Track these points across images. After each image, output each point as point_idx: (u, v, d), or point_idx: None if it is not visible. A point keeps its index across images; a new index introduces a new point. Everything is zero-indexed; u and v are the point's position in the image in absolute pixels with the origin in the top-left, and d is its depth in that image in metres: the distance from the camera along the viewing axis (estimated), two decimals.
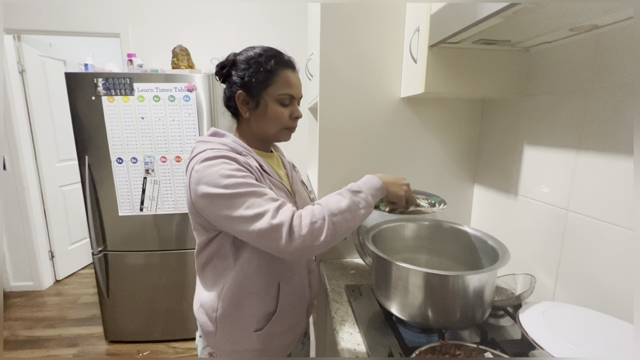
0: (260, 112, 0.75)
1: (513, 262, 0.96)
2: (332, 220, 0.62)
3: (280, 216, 0.61)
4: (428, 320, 0.71)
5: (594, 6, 0.57)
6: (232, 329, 0.75)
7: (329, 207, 0.64)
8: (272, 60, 0.73)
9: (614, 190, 0.68)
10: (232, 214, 0.62)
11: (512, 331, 0.77)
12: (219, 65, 0.78)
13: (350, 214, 0.64)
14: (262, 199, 0.63)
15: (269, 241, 0.60)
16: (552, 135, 0.85)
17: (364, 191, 0.68)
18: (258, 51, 0.74)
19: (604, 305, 0.70)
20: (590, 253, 0.74)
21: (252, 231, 0.61)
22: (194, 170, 0.66)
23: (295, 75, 0.77)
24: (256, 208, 0.61)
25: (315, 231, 0.61)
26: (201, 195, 0.64)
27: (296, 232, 0.60)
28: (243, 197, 0.62)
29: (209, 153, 0.67)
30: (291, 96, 0.76)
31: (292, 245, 0.60)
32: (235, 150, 0.72)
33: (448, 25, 0.76)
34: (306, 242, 0.60)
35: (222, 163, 0.65)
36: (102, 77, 1.69)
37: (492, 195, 1.11)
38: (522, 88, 0.94)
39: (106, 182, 1.79)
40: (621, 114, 0.67)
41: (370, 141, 1.15)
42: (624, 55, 0.66)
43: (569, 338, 0.56)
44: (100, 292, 1.92)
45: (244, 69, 0.73)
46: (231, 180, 0.63)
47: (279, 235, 0.60)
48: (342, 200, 0.65)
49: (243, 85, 0.74)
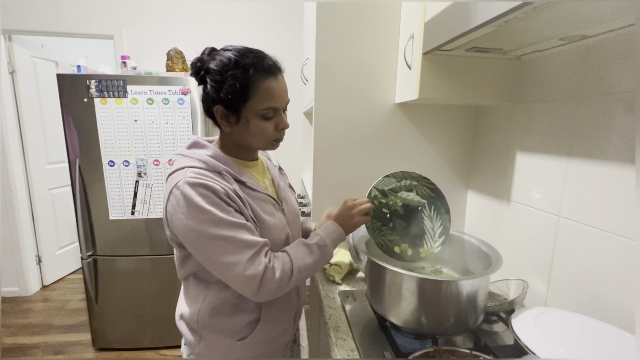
0: (242, 127, 0.69)
1: (506, 268, 0.96)
2: (298, 276, 0.68)
3: (252, 269, 0.62)
4: (422, 326, 0.70)
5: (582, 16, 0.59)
6: (214, 339, 0.73)
7: (297, 263, 0.68)
8: (250, 70, 0.64)
9: (604, 196, 0.70)
10: (205, 254, 0.64)
11: (505, 337, 0.77)
12: (193, 69, 0.70)
13: (314, 269, 0.71)
14: (237, 246, 0.62)
15: (239, 288, 0.65)
16: (544, 142, 0.86)
17: (329, 245, 0.72)
18: (233, 57, 0.65)
19: (595, 311, 0.71)
20: (581, 259, 0.75)
21: (222, 276, 0.65)
22: (173, 194, 0.64)
23: (278, 82, 0.68)
24: (230, 256, 0.62)
25: (283, 285, 0.66)
26: (178, 224, 0.64)
27: (266, 285, 0.64)
28: (217, 240, 0.62)
29: (188, 176, 0.63)
30: (275, 108, 0.68)
31: (259, 296, 0.65)
32: (214, 169, 0.67)
33: (441, 33, 0.78)
34: (272, 292, 0.66)
35: (199, 195, 0.62)
36: (95, 79, 1.67)
37: (485, 201, 1.12)
38: (515, 95, 0.96)
39: (97, 185, 1.76)
40: (610, 122, 0.68)
41: (365, 146, 1.16)
42: (612, 65, 0.68)
43: (560, 343, 0.56)
44: (88, 298, 1.87)
45: (219, 82, 0.65)
46: (208, 216, 0.61)
47: (249, 287, 0.63)
48: (310, 256, 0.70)
49: (220, 100, 0.67)
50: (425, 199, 0.86)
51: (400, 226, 0.84)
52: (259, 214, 0.70)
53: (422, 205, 0.85)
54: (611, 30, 0.65)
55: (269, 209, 0.73)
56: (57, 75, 1.66)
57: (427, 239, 0.85)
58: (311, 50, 1.18)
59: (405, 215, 0.85)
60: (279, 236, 0.73)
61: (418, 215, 0.85)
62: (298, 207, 0.88)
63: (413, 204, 0.85)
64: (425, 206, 0.85)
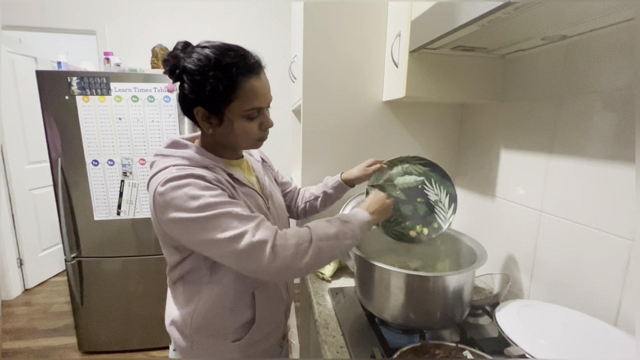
0: (225, 129, 0.66)
1: (491, 262, 0.99)
2: (318, 245, 0.61)
3: (260, 233, 0.58)
4: (410, 321, 0.72)
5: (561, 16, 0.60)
6: (208, 343, 0.72)
7: (317, 231, 0.62)
8: (232, 69, 0.61)
9: (583, 192, 0.72)
10: (207, 237, 0.58)
11: (490, 329, 0.79)
12: (167, 66, 0.65)
13: (336, 242, 0.63)
14: (239, 219, 0.59)
15: (251, 261, 0.58)
16: (527, 139, 0.88)
17: (353, 223, 0.67)
18: (213, 56, 0.61)
19: (574, 303, 0.73)
20: (562, 252, 0.77)
21: (231, 253, 0.58)
22: (158, 193, 0.59)
23: (261, 81, 0.65)
24: (233, 230, 0.57)
25: (300, 253, 0.59)
26: (170, 220, 0.59)
27: (280, 252, 0.58)
28: (217, 218, 0.58)
29: (172, 172, 0.60)
30: (259, 108, 0.66)
31: (274, 265, 0.58)
32: (201, 164, 0.64)
33: (427, 32, 0.78)
34: (289, 263, 0.59)
35: (189, 184, 0.59)
36: (76, 75, 1.62)
37: (471, 198, 1.14)
38: (499, 94, 0.97)
39: (80, 185, 1.72)
40: (589, 120, 0.70)
41: (353, 144, 1.16)
42: (591, 64, 0.70)
43: (542, 335, 0.58)
44: (73, 301, 1.83)
45: (198, 83, 0.61)
46: (202, 201, 0.57)
47: (261, 254, 0.57)
48: (330, 227, 0.64)
49: (200, 102, 0.63)
50: (422, 175, 0.87)
51: (408, 211, 0.86)
52: (251, 207, 0.69)
53: (421, 182, 0.86)
54: (590, 31, 0.67)
55: (258, 205, 0.72)
56: (37, 71, 1.61)
57: (438, 212, 0.86)
58: (299, 47, 1.17)
59: (408, 199, 0.86)
60: None
61: (421, 194, 0.86)
62: (283, 202, 0.89)
63: (412, 185, 0.86)
64: (424, 182, 0.87)
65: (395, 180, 0.87)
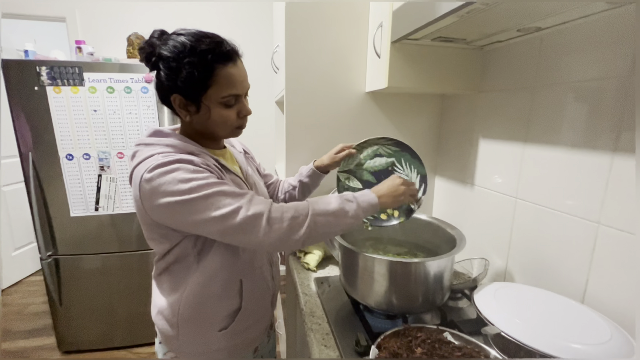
0: (203, 116, 0.66)
1: (470, 248, 1.03)
2: (314, 219, 0.61)
3: (255, 207, 0.59)
4: (393, 307, 0.74)
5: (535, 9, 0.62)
6: (195, 332, 0.73)
7: (315, 205, 0.63)
8: (208, 56, 0.61)
9: (554, 178, 0.76)
10: (202, 217, 0.58)
11: (469, 312, 0.83)
12: (143, 54, 0.65)
13: (334, 219, 0.63)
14: (232, 196, 0.59)
15: (248, 234, 0.59)
16: (504, 129, 0.91)
17: (357, 202, 0.66)
18: (188, 43, 0.61)
19: (546, 283, 0.78)
20: (535, 236, 0.81)
21: (227, 229, 0.58)
22: (145, 180, 0.59)
23: (237, 68, 0.65)
24: (227, 207, 0.58)
25: (296, 225, 0.60)
26: (160, 206, 0.59)
27: (276, 224, 0.59)
28: (210, 198, 0.58)
29: (159, 159, 0.60)
30: (236, 95, 0.66)
31: (271, 236, 0.59)
32: (186, 150, 0.65)
33: (408, 22, 0.79)
34: (285, 234, 0.59)
35: (178, 169, 0.59)
36: (46, 65, 1.54)
37: (451, 187, 1.17)
38: (477, 84, 1.00)
39: (55, 180, 1.65)
40: (562, 110, 0.74)
41: (337, 135, 1.17)
42: (564, 56, 0.73)
43: (516, 313, 0.61)
44: (51, 300, 1.77)
45: (174, 69, 0.61)
46: (192, 183, 0.58)
47: (257, 226, 0.58)
48: (330, 203, 0.64)
49: (177, 89, 0.63)
50: (391, 156, 0.86)
51: None
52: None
53: (391, 164, 0.86)
54: (563, 23, 0.70)
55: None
56: (2, 60, 1.51)
57: None
58: (281, 37, 1.16)
59: (379, 181, 0.87)
60: None
61: (390, 174, 0.86)
62: (267, 193, 0.89)
63: (382, 167, 0.87)
64: (394, 163, 0.86)
65: (365, 163, 0.88)
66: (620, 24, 0.61)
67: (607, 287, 0.65)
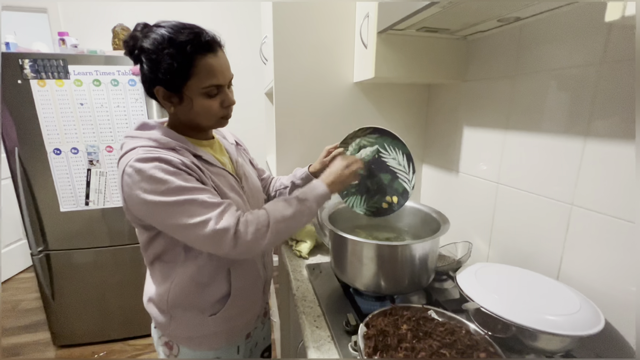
0: (186, 107, 0.67)
1: (455, 232, 1.07)
2: (275, 227, 0.65)
3: (224, 221, 0.61)
4: (381, 289, 0.77)
5: None
6: (186, 317, 0.75)
7: (274, 214, 0.66)
8: (187, 46, 0.62)
9: (533, 163, 0.79)
10: (172, 222, 0.61)
11: (453, 292, 0.87)
12: (126, 48, 0.66)
13: (293, 221, 0.68)
14: (203, 206, 0.61)
15: (214, 246, 0.62)
16: (486, 117, 0.94)
17: (310, 199, 0.70)
18: (167, 34, 0.62)
19: (525, 262, 0.82)
20: (515, 219, 0.85)
21: (196, 237, 0.61)
22: (127, 174, 0.61)
23: (218, 58, 0.66)
24: (198, 216, 0.60)
25: (259, 238, 0.64)
26: (137, 201, 0.61)
27: (241, 238, 0.62)
28: (182, 205, 0.60)
29: (139, 153, 0.62)
30: (218, 85, 0.67)
31: (237, 250, 0.62)
32: (167, 146, 0.66)
33: (393, 12, 0.81)
34: (250, 247, 0.63)
35: (155, 167, 0.60)
36: (29, 57, 1.51)
37: (437, 174, 1.21)
38: (461, 74, 1.02)
39: (43, 175, 1.63)
40: (541, 97, 0.77)
41: (326, 125, 1.19)
42: (542, 45, 0.76)
43: (495, 290, 0.65)
44: (43, 296, 1.77)
45: (155, 61, 0.63)
46: (168, 186, 0.60)
47: (223, 241, 0.61)
48: (287, 209, 0.68)
49: (159, 81, 0.64)
50: (375, 144, 0.88)
51: (374, 185, 0.89)
52: (221, 188, 0.70)
53: (376, 151, 0.88)
54: (541, 13, 0.72)
55: (229, 184, 0.74)
56: None
57: (400, 176, 0.86)
58: (269, 29, 1.16)
59: (371, 172, 0.89)
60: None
61: (380, 162, 0.88)
62: (259, 183, 0.90)
63: (370, 157, 0.89)
64: (379, 150, 0.88)
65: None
66: (592, 13, 0.64)
67: (579, 263, 0.69)
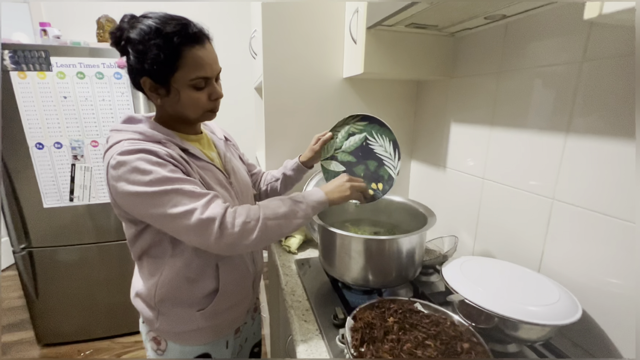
0: (173, 99, 0.66)
1: (442, 227, 1.09)
2: (265, 224, 0.63)
3: (210, 211, 0.60)
4: (368, 282, 0.78)
5: None
6: (173, 313, 0.74)
7: (266, 210, 0.64)
8: (174, 37, 0.61)
9: (517, 159, 0.81)
10: (157, 212, 0.60)
11: (440, 285, 0.89)
12: (113, 39, 0.65)
13: (285, 221, 0.65)
14: (188, 196, 0.60)
15: (199, 237, 0.60)
16: (473, 113, 0.96)
17: (306, 202, 0.69)
18: (154, 25, 0.61)
19: (508, 255, 0.84)
20: (500, 213, 0.87)
21: (181, 228, 0.60)
22: (111, 166, 0.60)
23: (205, 50, 0.65)
24: (183, 206, 0.59)
25: (247, 231, 0.61)
26: (122, 193, 0.60)
27: (228, 229, 0.60)
28: (167, 194, 0.59)
29: (124, 145, 0.61)
30: (205, 78, 0.66)
31: (222, 241, 0.60)
32: (153, 139, 0.65)
33: (382, 8, 0.81)
34: (236, 240, 0.60)
35: (139, 159, 0.59)
36: (9, 48, 1.45)
37: (425, 169, 1.22)
38: (449, 70, 1.04)
39: (24, 171, 1.58)
40: (523, 94, 0.78)
41: (315, 120, 1.19)
42: (527, 42, 0.77)
43: (479, 282, 0.66)
44: (27, 294, 1.73)
45: (141, 52, 0.62)
46: (153, 176, 0.59)
47: (209, 231, 0.59)
48: (281, 207, 0.66)
49: (145, 72, 0.63)
50: (363, 132, 0.89)
51: (361, 171, 0.89)
52: (208, 182, 0.70)
53: (364, 139, 0.89)
54: (526, 11, 0.74)
55: (217, 179, 0.73)
56: None
57: (387, 163, 0.87)
58: (258, 23, 1.15)
59: (358, 159, 0.89)
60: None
61: (368, 149, 0.88)
62: (248, 179, 0.90)
63: (357, 144, 0.90)
64: (367, 137, 0.89)
65: (342, 146, 0.91)
66: (573, 12, 0.66)
67: (559, 256, 0.72)
